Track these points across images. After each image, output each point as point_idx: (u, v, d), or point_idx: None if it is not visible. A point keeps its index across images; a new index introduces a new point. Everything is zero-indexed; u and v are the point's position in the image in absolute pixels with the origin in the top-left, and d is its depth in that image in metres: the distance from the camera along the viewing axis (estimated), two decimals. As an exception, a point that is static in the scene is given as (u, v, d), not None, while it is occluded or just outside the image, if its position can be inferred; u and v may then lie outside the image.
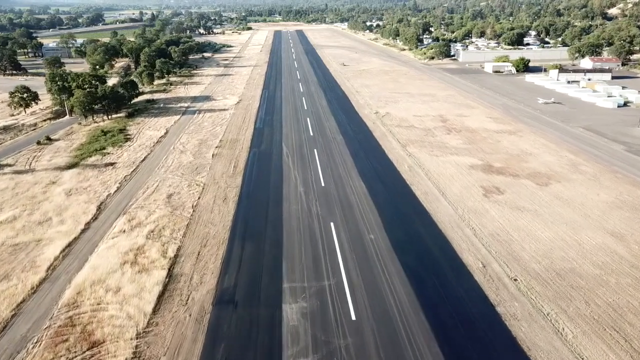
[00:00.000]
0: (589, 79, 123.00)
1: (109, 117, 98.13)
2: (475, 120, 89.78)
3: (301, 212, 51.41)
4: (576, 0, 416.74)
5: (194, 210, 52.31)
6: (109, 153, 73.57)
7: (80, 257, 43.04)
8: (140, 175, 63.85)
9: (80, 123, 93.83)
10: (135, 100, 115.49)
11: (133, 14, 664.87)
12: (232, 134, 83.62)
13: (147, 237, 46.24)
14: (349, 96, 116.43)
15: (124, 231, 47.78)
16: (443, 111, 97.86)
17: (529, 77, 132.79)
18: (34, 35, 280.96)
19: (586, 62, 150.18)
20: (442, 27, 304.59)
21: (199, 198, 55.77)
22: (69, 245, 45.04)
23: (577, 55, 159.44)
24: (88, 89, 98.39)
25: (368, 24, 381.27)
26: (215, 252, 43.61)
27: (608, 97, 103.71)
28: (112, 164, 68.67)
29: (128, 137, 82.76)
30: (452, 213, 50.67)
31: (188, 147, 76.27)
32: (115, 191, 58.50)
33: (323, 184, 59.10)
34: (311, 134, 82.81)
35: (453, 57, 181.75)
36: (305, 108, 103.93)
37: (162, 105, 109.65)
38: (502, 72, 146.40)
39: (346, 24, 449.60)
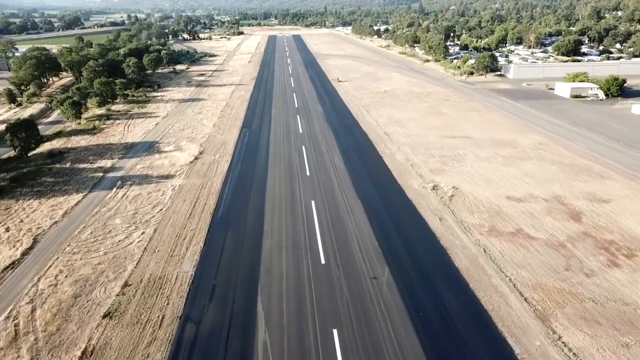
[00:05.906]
0: None
1: (-44, 196, 54.93)
2: (632, 215, 46.74)
3: None
4: (606, 2, 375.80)
5: None
6: None
7: None
8: None
9: None
10: (35, 151, 72.69)
11: (121, 17, 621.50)
12: (158, 257, 40.34)
13: None
14: (377, 146, 72.80)
15: None
16: (555, 185, 54.69)
17: (638, 108, 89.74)
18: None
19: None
20: (464, 31, 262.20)
21: None
22: None
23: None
24: None
25: (375, 28, 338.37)
26: None
27: None
28: None
29: (-64, 268, 39.44)
30: None
31: (37, 319, 33.00)
32: None
33: None
34: (322, 260, 39.60)
35: (498, 72, 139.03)
36: (308, 174, 60.71)
37: (68, 164, 66.12)
38: (586, 96, 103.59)
39: (349, 28, 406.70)
